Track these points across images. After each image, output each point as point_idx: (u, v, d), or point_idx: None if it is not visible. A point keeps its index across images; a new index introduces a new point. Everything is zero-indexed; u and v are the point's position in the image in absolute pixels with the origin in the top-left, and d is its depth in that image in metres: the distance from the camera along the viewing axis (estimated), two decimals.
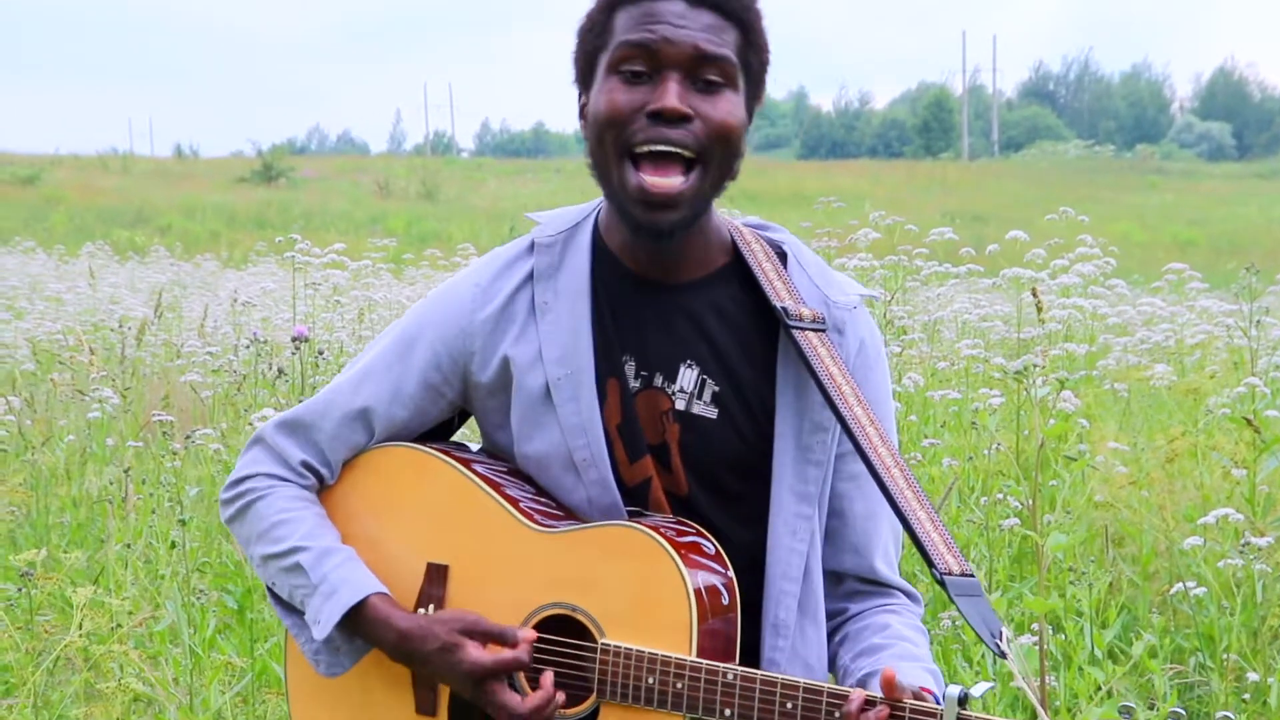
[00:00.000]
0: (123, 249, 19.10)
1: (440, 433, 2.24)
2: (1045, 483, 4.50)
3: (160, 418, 5.53)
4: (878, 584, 2.13)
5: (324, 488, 2.19)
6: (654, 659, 1.89)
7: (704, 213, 2.01)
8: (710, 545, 1.98)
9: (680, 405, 2.05)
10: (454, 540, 2.09)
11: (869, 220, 6.57)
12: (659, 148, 1.92)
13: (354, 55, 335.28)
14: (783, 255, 2.11)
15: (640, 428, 2.05)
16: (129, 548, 4.64)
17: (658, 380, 2.05)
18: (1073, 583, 3.77)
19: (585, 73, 2.02)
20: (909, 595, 2.16)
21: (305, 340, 5.02)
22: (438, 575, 2.09)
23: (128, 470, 5.03)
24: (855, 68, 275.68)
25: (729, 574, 1.97)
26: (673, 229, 1.96)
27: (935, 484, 4.99)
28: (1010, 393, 4.68)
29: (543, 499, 2.08)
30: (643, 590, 1.91)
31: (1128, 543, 4.88)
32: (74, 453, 6.15)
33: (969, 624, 1.82)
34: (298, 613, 2.12)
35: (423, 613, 2.07)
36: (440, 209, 36.45)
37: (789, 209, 22.73)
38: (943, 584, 1.84)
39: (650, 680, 1.89)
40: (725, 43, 1.94)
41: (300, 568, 2.07)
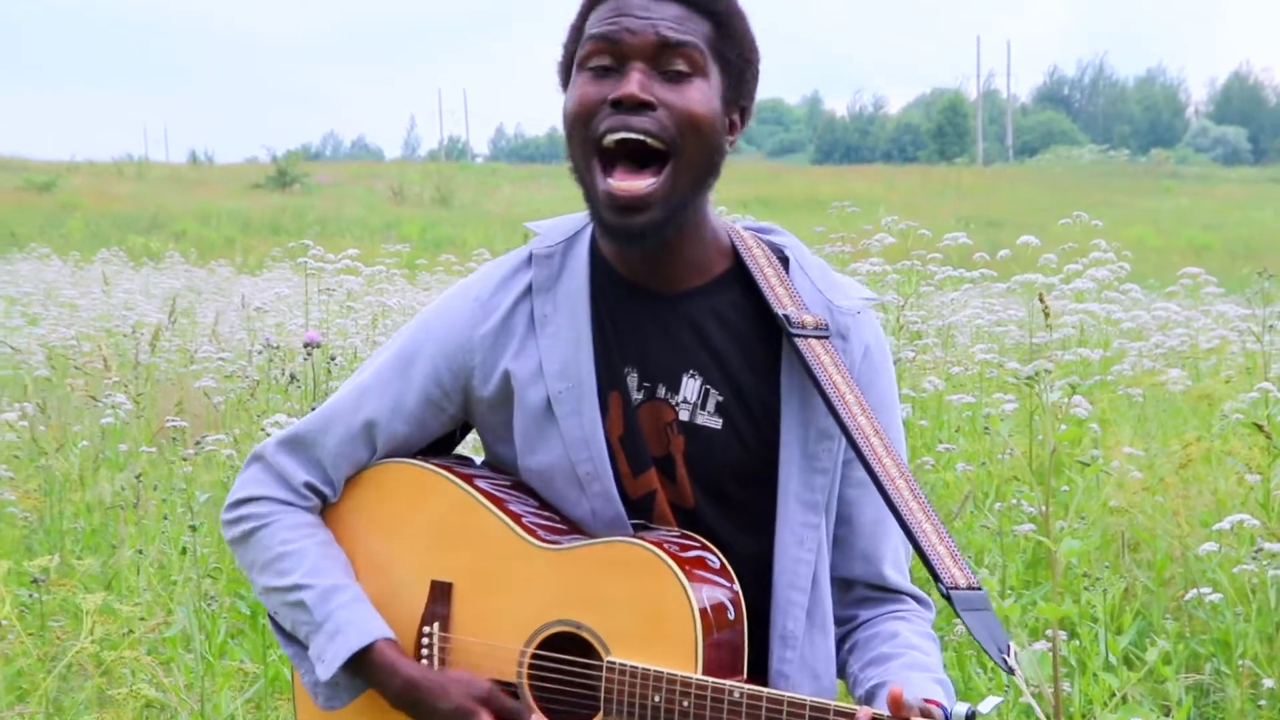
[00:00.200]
0: (138, 255, 19.14)
1: (443, 445, 2.22)
2: (1059, 488, 4.49)
3: (173, 423, 5.54)
4: (887, 590, 2.10)
5: (327, 506, 2.17)
6: (660, 677, 1.86)
7: (683, 214, 1.95)
8: (715, 559, 1.96)
9: (684, 416, 2.02)
10: (458, 557, 2.07)
11: (883, 225, 6.57)
12: (620, 135, 1.87)
13: (368, 61, 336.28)
14: (784, 259, 2.08)
15: (644, 440, 2.02)
16: (140, 553, 4.64)
17: (660, 391, 2.02)
18: (1087, 588, 3.76)
19: (565, 77, 2.00)
20: (919, 601, 2.13)
21: (317, 346, 5.02)
22: (442, 593, 2.07)
23: (139, 476, 5.03)
24: (869, 72, 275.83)
25: (734, 587, 1.94)
26: (644, 231, 1.91)
27: (950, 489, 4.98)
28: (1024, 398, 4.66)
29: (546, 513, 2.06)
30: (647, 607, 1.89)
31: (1142, 548, 4.86)
32: (88, 458, 6.15)
33: (975, 639, 1.79)
34: (300, 643, 2.11)
35: (427, 631, 2.06)
36: (455, 214, 36.45)
37: (803, 214, 22.72)
38: (948, 598, 1.81)
39: (656, 699, 1.86)
40: (691, 31, 1.90)
41: (304, 605, 2.06)
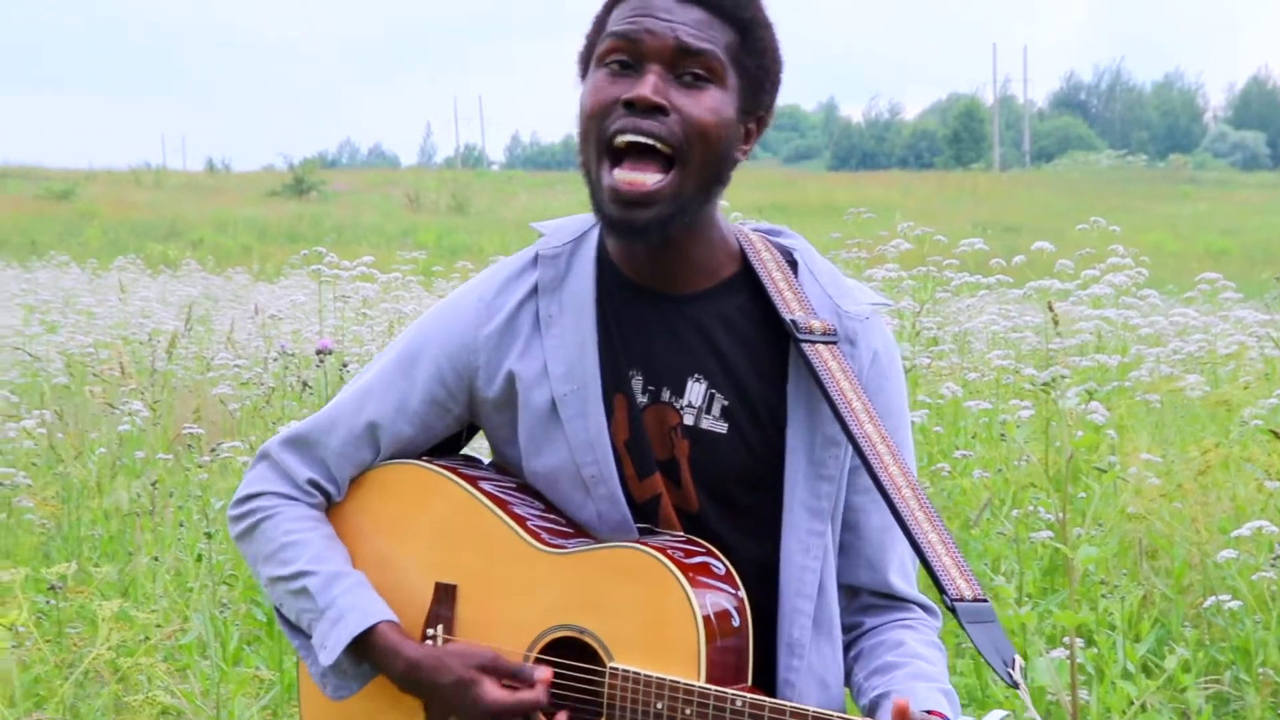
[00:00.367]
0: (155, 263, 19.18)
1: (449, 446, 2.21)
2: (1076, 495, 4.47)
3: (190, 430, 5.55)
4: (893, 598, 2.08)
5: (331, 505, 2.17)
6: (662, 684, 1.85)
7: (687, 215, 1.92)
8: (720, 565, 1.94)
9: (689, 420, 2.00)
10: (462, 560, 2.06)
11: (899, 231, 6.56)
12: (630, 137, 1.86)
13: (384, 69, 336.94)
14: (793, 263, 2.06)
15: (649, 443, 2.01)
16: (157, 560, 4.65)
17: (665, 395, 2.01)
18: (1105, 596, 3.73)
19: (584, 68, 1.98)
20: (926, 609, 2.11)
21: (330, 353, 5.02)
22: (446, 595, 2.07)
23: (154, 484, 5.04)
24: (886, 78, 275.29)
25: (739, 594, 1.93)
26: (646, 227, 1.88)
27: (967, 496, 4.96)
28: (1040, 404, 4.65)
29: (551, 516, 2.05)
30: (651, 614, 1.88)
31: (1160, 555, 4.83)
32: (105, 466, 6.16)
33: (980, 652, 1.77)
34: (305, 634, 2.10)
35: (431, 633, 2.05)
36: (471, 222, 36.46)
37: (819, 220, 22.69)
38: (954, 610, 1.79)
39: (659, 705, 1.85)
40: (711, 39, 1.88)
41: (307, 591, 2.06)
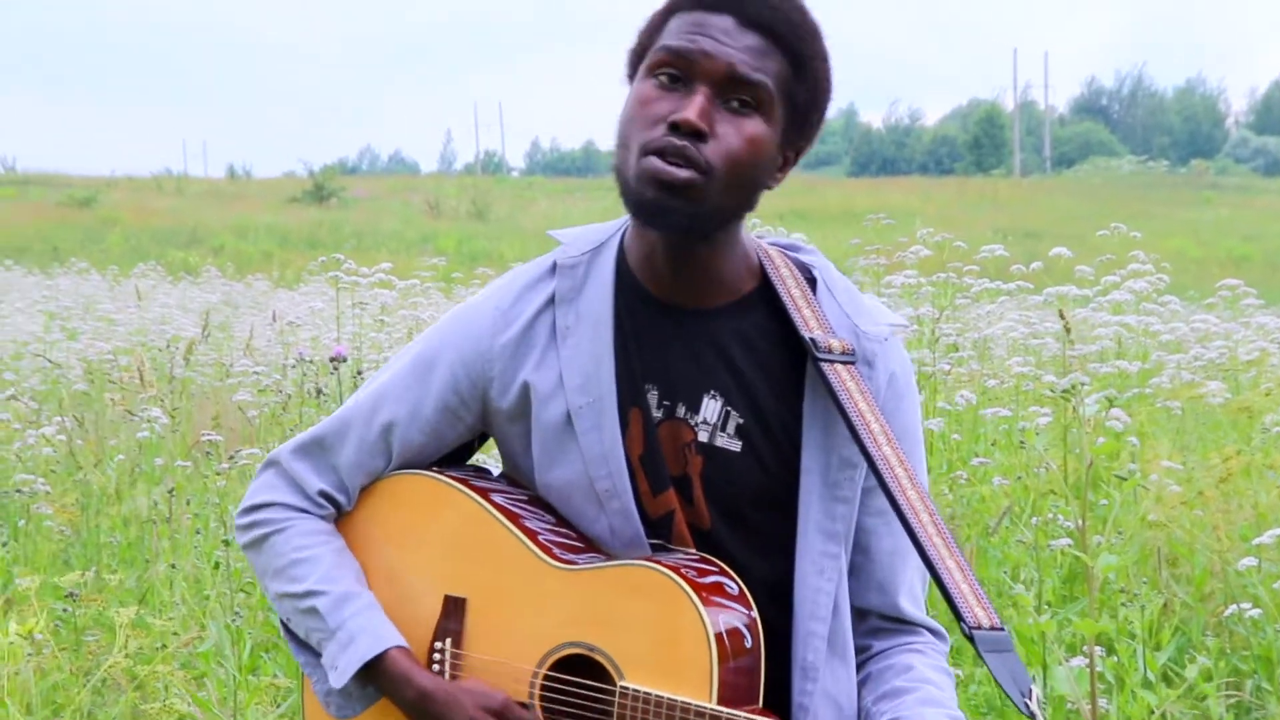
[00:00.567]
0: (176, 270, 19.25)
1: (459, 455, 2.19)
2: (1096, 502, 4.44)
3: (209, 437, 5.56)
4: (902, 622, 2.06)
5: (341, 515, 2.15)
6: (673, 705, 1.83)
7: (708, 225, 1.90)
8: (734, 585, 1.92)
9: (703, 437, 1.98)
10: (472, 573, 2.04)
11: (918, 237, 6.54)
12: (666, 172, 1.82)
13: (405, 75, 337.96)
14: (811, 279, 2.04)
15: (664, 459, 1.98)
16: (174, 568, 4.65)
17: (680, 410, 1.99)
18: (1125, 604, 3.71)
19: (633, 70, 1.96)
20: (934, 633, 2.09)
21: (344, 360, 5.02)
22: (455, 608, 2.05)
23: (172, 491, 5.05)
24: (906, 84, 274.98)
25: (752, 614, 1.91)
26: (669, 209, 1.84)
27: (985, 503, 4.94)
28: (1059, 411, 4.62)
29: (563, 530, 2.03)
30: (663, 633, 1.86)
31: (1181, 563, 4.80)
32: (124, 472, 6.18)
33: (997, 682, 1.75)
34: (313, 651, 2.09)
35: (439, 646, 2.04)
36: (491, 228, 36.50)
37: (839, 226, 22.68)
38: (971, 639, 1.77)
39: None
40: (764, 69, 1.85)
41: (317, 611, 2.04)
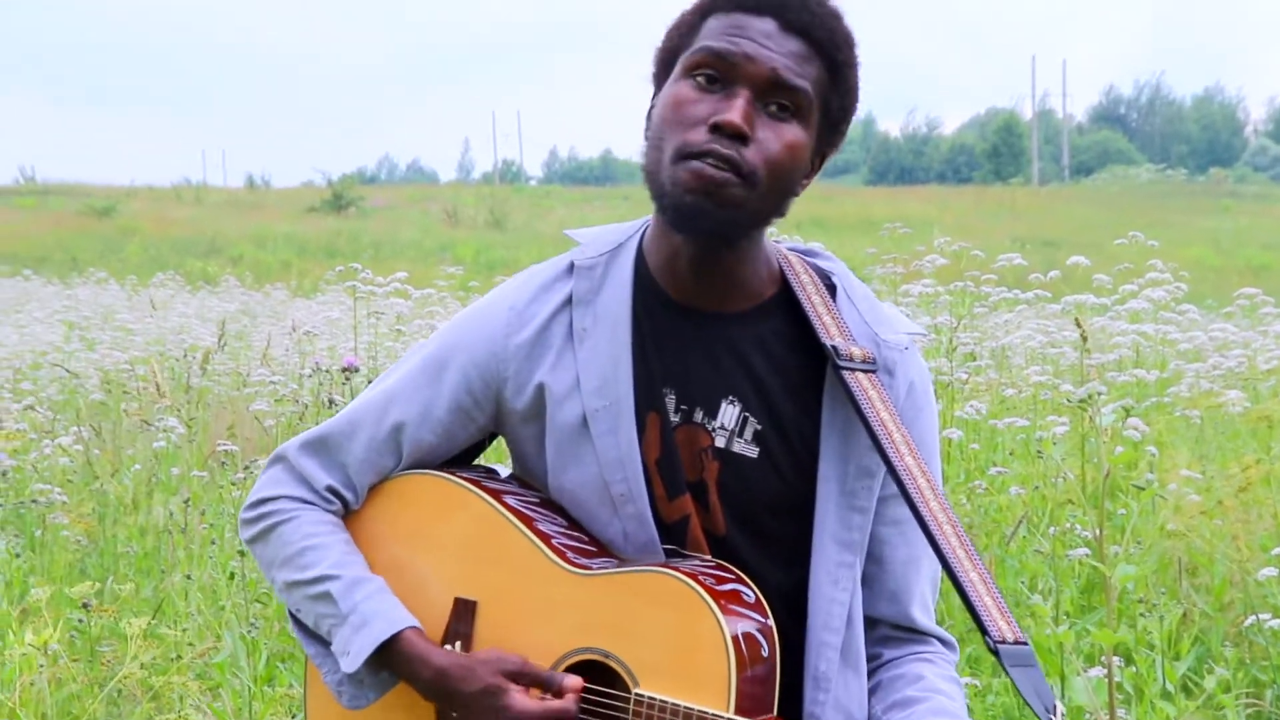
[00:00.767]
0: (194, 279, 19.30)
1: (467, 454, 2.17)
2: (1114, 512, 4.42)
3: (225, 447, 5.57)
4: (913, 631, 2.04)
5: (349, 513, 2.12)
6: (690, 713, 1.81)
7: (741, 231, 1.90)
8: (750, 593, 1.90)
9: (720, 442, 1.96)
10: (483, 576, 2.01)
11: (935, 246, 6.53)
12: (710, 160, 1.81)
13: (422, 85, 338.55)
14: (831, 286, 2.02)
15: (680, 463, 1.96)
16: (189, 578, 4.65)
17: (698, 415, 1.97)
18: (1143, 614, 3.69)
19: (663, 69, 1.94)
20: (944, 642, 2.08)
21: (356, 370, 5.03)
22: (465, 611, 2.02)
23: (187, 501, 5.05)
24: (923, 93, 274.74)
25: (768, 622, 1.88)
26: (706, 216, 1.82)
27: (1003, 512, 4.92)
28: (1077, 420, 4.60)
29: (575, 534, 2.00)
30: (679, 640, 1.84)
31: (1200, 573, 4.78)
32: (141, 482, 6.19)
33: (1021, 695, 1.73)
34: (322, 641, 2.06)
35: (449, 648, 2.00)
36: (509, 237, 36.52)
37: (856, 235, 22.65)
38: (996, 653, 1.76)
39: None
40: (805, 74, 1.85)
41: (329, 596, 2.01)
